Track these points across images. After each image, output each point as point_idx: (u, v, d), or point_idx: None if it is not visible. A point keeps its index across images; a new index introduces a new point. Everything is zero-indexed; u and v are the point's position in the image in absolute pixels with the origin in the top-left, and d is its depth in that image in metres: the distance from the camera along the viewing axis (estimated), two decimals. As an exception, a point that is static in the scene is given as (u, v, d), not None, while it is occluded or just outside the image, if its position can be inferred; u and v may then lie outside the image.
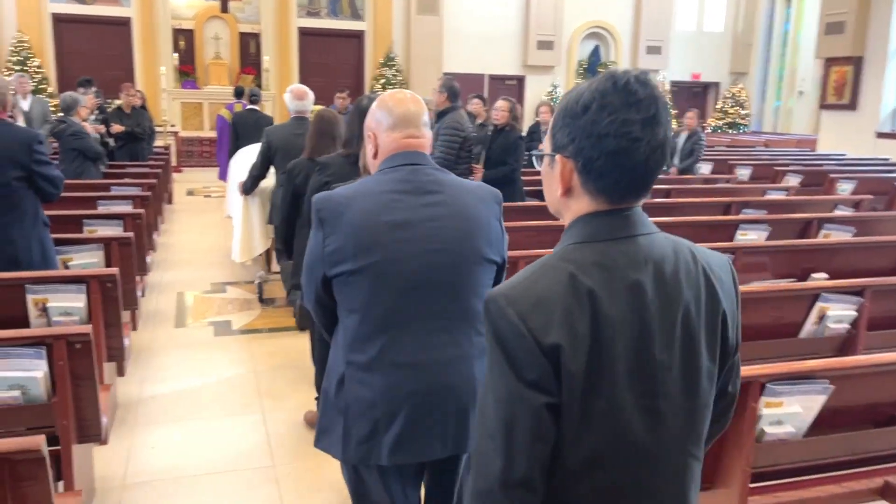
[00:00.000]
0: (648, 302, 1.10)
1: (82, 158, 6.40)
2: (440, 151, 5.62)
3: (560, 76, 19.24)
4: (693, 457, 1.18)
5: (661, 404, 1.11)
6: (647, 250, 1.13)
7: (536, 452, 1.06)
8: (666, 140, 1.12)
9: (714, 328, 1.17)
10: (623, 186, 1.12)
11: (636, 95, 1.09)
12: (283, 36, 17.12)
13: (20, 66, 15.21)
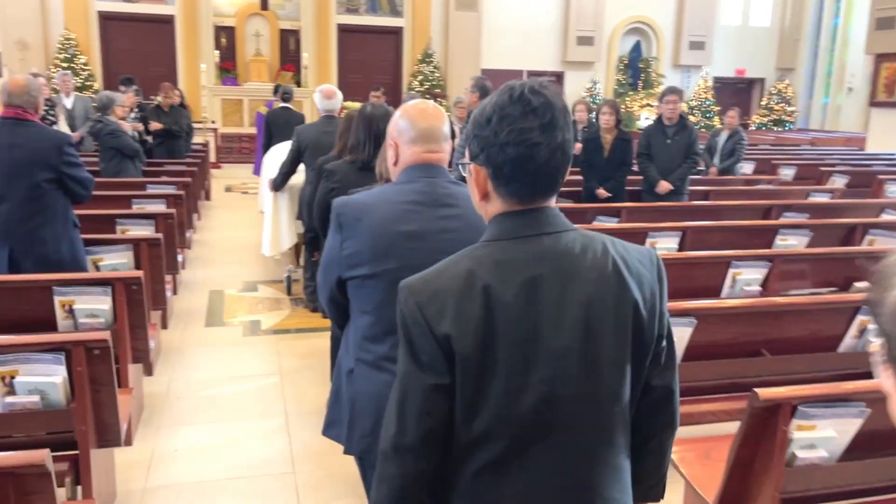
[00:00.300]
0: (544, 295, 1.20)
1: (120, 156, 6.49)
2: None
3: (600, 72, 18.98)
4: (603, 443, 1.26)
5: (558, 389, 1.20)
6: (550, 247, 1.23)
7: (423, 425, 1.20)
8: (565, 142, 1.22)
9: (623, 319, 1.24)
10: (529, 188, 1.23)
11: (531, 105, 1.20)
12: (322, 33, 17.21)
13: (67, 62, 15.56)
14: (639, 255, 1.31)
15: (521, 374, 1.19)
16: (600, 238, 1.29)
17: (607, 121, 6.15)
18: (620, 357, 1.25)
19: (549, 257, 1.22)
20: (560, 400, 1.21)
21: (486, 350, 1.19)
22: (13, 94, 3.40)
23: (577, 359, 1.21)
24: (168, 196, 5.55)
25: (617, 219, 5.54)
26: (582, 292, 1.22)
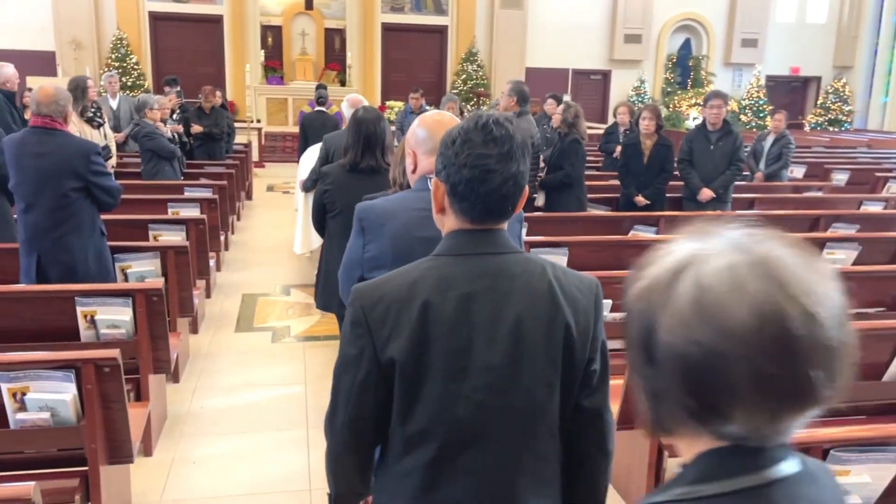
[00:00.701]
0: (479, 310, 1.30)
1: (157, 158, 6.57)
2: None
3: (648, 71, 18.61)
4: (528, 451, 1.35)
5: (488, 398, 1.30)
6: (491, 266, 1.33)
7: (350, 411, 1.35)
8: (518, 173, 1.33)
9: (554, 339, 1.33)
10: (480, 209, 1.33)
11: (492, 134, 1.31)
12: (367, 31, 17.25)
13: (119, 62, 15.92)
14: (577, 281, 1.40)
15: (454, 381, 1.30)
16: (541, 262, 1.39)
17: (647, 126, 5.97)
18: (549, 374, 1.34)
19: (487, 275, 1.33)
20: (490, 409, 1.31)
21: (419, 357, 1.30)
22: (41, 104, 3.43)
23: (508, 372, 1.31)
24: (202, 200, 5.58)
25: (654, 228, 5.36)
26: (515, 310, 1.32)
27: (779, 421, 0.76)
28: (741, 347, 0.71)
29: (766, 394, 0.73)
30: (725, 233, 0.81)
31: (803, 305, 0.72)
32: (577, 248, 4.42)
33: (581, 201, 5.81)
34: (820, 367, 0.72)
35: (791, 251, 0.77)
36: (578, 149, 5.74)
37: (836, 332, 0.73)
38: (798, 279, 0.74)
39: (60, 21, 15.61)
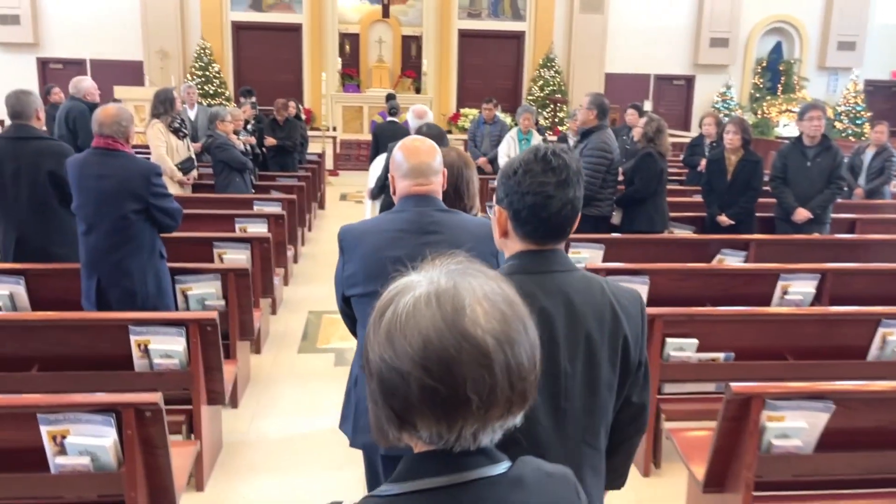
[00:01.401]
0: (556, 323, 1.43)
1: (228, 170, 6.56)
2: (585, 175, 5.16)
3: (735, 76, 17.82)
4: (588, 445, 1.51)
5: (563, 403, 1.44)
6: (560, 283, 1.46)
7: None
8: (575, 198, 1.47)
9: (616, 347, 1.49)
10: (542, 232, 1.47)
11: (551, 164, 1.44)
12: (444, 38, 17.14)
13: (202, 71, 16.33)
14: (628, 294, 1.57)
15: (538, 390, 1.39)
16: (598, 279, 1.54)
17: (731, 140, 5.52)
18: (612, 379, 1.51)
19: (559, 292, 1.46)
20: (564, 413, 1.46)
21: None
22: (103, 124, 3.37)
23: (581, 379, 1.47)
24: (270, 216, 5.50)
25: (744, 254, 4.96)
26: (586, 324, 1.46)
27: (456, 431, 0.85)
28: (412, 366, 0.83)
29: (434, 407, 0.84)
30: (437, 266, 0.92)
31: (470, 334, 0.83)
32: (659, 276, 4.09)
33: (652, 221, 5.39)
34: (478, 388, 0.83)
35: (483, 284, 0.88)
36: (651, 164, 5.34)
37: (502, 357, 0.84)
38: (473, 310, 0.85)
39: (149, 31, 16.12)
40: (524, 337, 0.89)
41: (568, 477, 1.04)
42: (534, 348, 0.91)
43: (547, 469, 1.00)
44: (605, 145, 5.24)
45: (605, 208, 5.35)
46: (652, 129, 5.43)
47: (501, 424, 0.90)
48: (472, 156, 8.84)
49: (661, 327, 3.24)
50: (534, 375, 0.90)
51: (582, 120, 5.44)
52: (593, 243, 4.88)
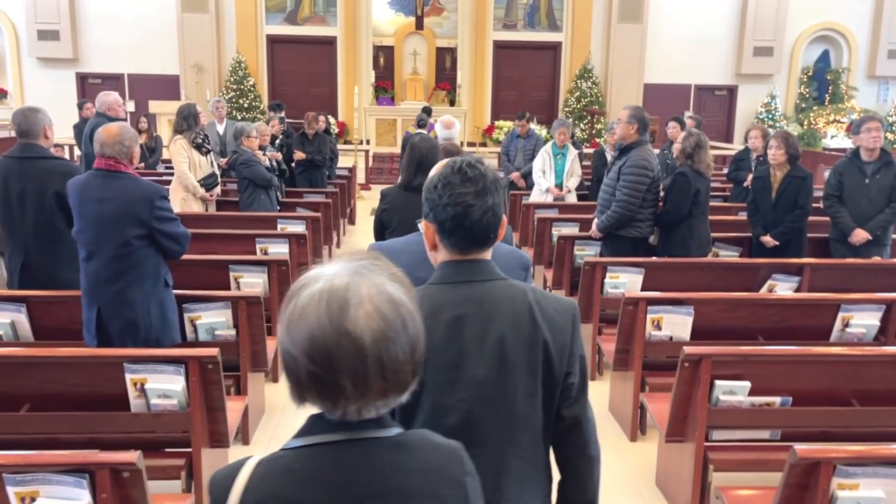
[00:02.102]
0: (468, 331, 1.49)
1: (253, 187, 6.37)
2: (624, 194, 4.84)
3: (780, 85, 17.25)
4: (513, 455, 1.52)
5: (476, 408, 1.49)
6: (477, 292, 1.52)
7: None
8: (494, 205, 1.53)
9: (535, 354, 1.51)
10: (466, 240, 1.53)
11: (467, 175, 1.52)
12: (479, 50, 16.92)
13: (237, 84, 16.35)
14: (556, 303, 1.56)
15: (446, 394, 1.47)
16: (522, 287, 1.55)
17: (775, 156, 5.12)
18: (530, 385, 1.50)
19: (474, 300, 1.49)
20: (478, 418, 1.48)
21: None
22: (105, 144, 3.16)
23: (493, 385, 1.48)
24: (292, 236, 5.27)
25: (797, 279, 4.57)
26: (499, 330, 1.48)
27: (340, 408, 1.03)
28: (300, 354, 1.00)
29: (317, 388, 1.01)
30: (345, 261, 1.07)
31: (349, 332, 0.98)
32: (705, 306, 3.74)
33: (686, 244, 4.98)
34: (353, 378, 1.00)
35: (375, 285, 1.03)
36: (684, 184, 4.94)
37: (376, 352, 1.00)
38: (355, 311, 0.99)
39: (185, 46, 16.20)
40: (401, 335, 1.02)
41: (456, 451, 1.14)
42: (412, 342, 1.04)
43: (436, 440, 1.14)
44: (646, 162, 4.90)
45: (645, 229, 5.00)
46: (690, 145, 5.05)
47: (385, 403, 1.04)
48: (505, 170, 8.56)
49: (708, 368, 2.91)
50: (410, 366, 1.04)
51: (621, 135, 5.11)
52: (631, 267, 4.55)
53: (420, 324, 1.08)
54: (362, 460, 1.04)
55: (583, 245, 5.36)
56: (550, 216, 6.33)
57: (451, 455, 1.13)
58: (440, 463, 1.10)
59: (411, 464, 1.06)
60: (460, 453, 1.15)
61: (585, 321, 4.77)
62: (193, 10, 16.10)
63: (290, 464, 1.05)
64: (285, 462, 1.05)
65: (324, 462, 1.04)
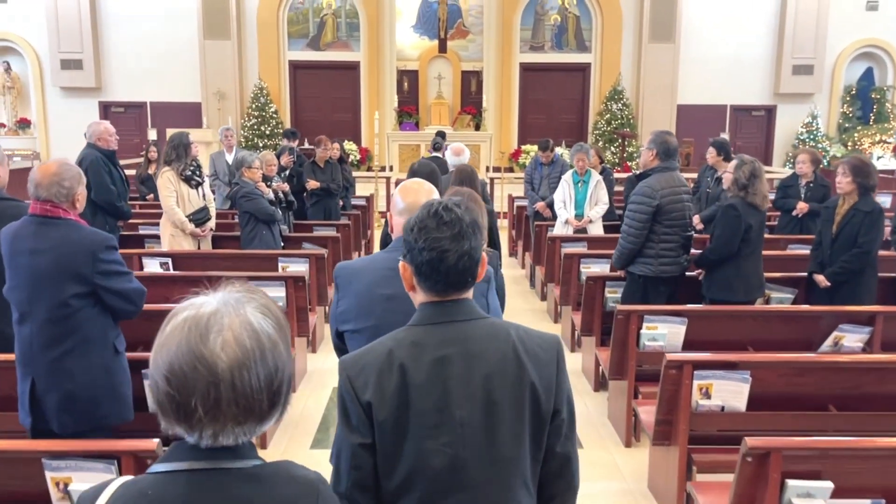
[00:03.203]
0: (451, 372, 1.48)
1: (255, 222, 5.88)
2: (625, 225, 4.35)
3: (821, 105, 16.45)
4: (500, 499, 1.50)
5: (460, 451, 1.46)
6: (460, 332, 1.52)
7: (354, 476, 1.50)
8: (471, 248, 1.52)
9: (521, 396, 1.50)
10: (442, 284, 1.52)
11: (443, 219, 1.52)
12: (505, 72, 16.45)
13: (259, 111, 16.07)
14: (539, 339, 1.58)
15: (430, 437, 1.46)
16: (505, 325, 1.58)
17: (841, 184, 4.44)
18: (517, 427, 1.50)
19: (458, 341, 1.51)
20: (464, 462, 1.47)
21: (399, 416, 1.46)
22: (40, 185, 2.66)
23: (479, 427, 1.48)
24: (289, 279, 4.74)
25: (868, 330, 3.90)
26: (484, 371, 1.49)
27: (196, 431, 1.06)
28: (160, 376, 1.05)
29: (172, 410, 1.06)
30: (223, 291, 1.13)
31: (206, 359, 1.03)
32: (763, 370, 3.10)
33: (731, 288, 4.34)
34: (204, 401, 1.03)
35: (242, 315, 1.08)
36: (732, 219, 4.30)
37: (229, 378, 1.04)
38: (214, 339, 1.05)
39: (207, 73, 15.99)
40: (258, 364, 1.07)
41: (312, 484, 1.16)
42: (270, 373, 1.09)
43: (294, 472, 1.16)
44: (648, 189, 4.32)
45: (657, 266, 4.36)
46: (745, 175, 4.39)
47: (243, 431, 1.09)
48: (530, 200, 7.98)
49: (778, 464, 2.28)
50: (266, 395, 1.08)
51: (643, 162, 4.53)
52: (672, 317, 3.93)
53: (286, 358, 1.13)
54: (211, 490, 1.07)
55: (615, 287, 4.75)
56: (578, 251, 5.73)
57: (305, 488, 1.15)
58: (292, 496, 1.12)
59: (261, 496, 1.09)
60: (316, 486, 1.16)
61: (618, 377, 4.14)
62: (215, 36, 15.89)
63: (145, 489, 1.08)
64: (140, 487, 1.08)
65: (175, 490, 1.07)
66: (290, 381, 1.13)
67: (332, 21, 16.62)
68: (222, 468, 1.07)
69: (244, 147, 15.62)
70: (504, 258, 9.59)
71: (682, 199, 4.37)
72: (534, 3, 16.44)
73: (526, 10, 16.47)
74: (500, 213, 12.70)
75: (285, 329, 1.13)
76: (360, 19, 16.45)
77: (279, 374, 1.10)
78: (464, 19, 16.73)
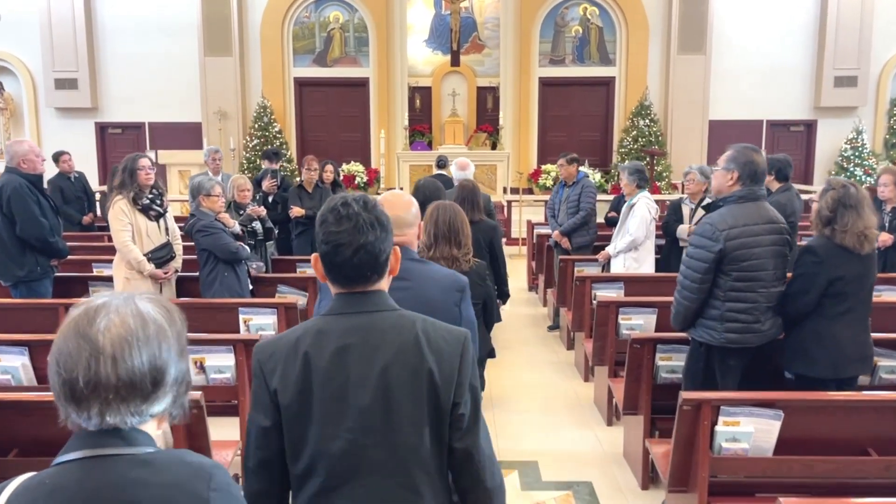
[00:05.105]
0: (350, 361, 1.56)
1: (215, 261, 4.82)
2: (680, 274, 3.21)
3: (866, 119, 15.21)
4: (401, 486, 1.56)
5: (360, 437, 1.54)
6: (365, 323, 1.60)
7: (258, 455, 1.61)
8: (368, 242, 1.59)
9: (418, 383, 1.56)
10: (342, 276, 1.62)
11: (340, 214, 1.61)
12: (523, 88, 15.42)
13: (262, 131, 15.14)
14: (446, 333, 1.64)
15: (332, 423, 1.55)
16: (412, 317, 1.64)
17: None
18: (415, 415, 1.56)
19: (360, 330, 1.59)
20: (363, 447, 1.55)
21: (301, 402, 1.56)
22: None
23: (378, 414, 1.55)
24: (238, 343, 3.63)
25: None
26: (383, 360, 1.56)
27: (85, 411, 1.13)
28: (52, 360, 1.13)
29: (61, 389, 1.13)
30: (119, 293, 1.22)
31: (90, 337, 1.12)
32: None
33: (812, 360, 3.22)
34: (86, 376, 1.11)
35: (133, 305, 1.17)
36: (809, 265, 3.21)
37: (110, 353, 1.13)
38: (100, 321, 1.13)
39: (208, 92, 15.14)
40: (142, 343, 1.13)
41: (205, 468, 1.19)
42: (153, 354, 1.15)
43: (188, 459, 1.20)
44: (709, 228, 3.18)
45: (723, 333, 3.20)
46: (828, 205, 3.22)
47: (128, 410, 1.14)
48: (551, 228, 6.86)
49: None
50: (149, 375, 1.14)
51: (716, 187, 3.37)
52: (756, 408, 2.76)
53: (174, 345, 1.19)
54: (104, 475, 1.12)
55: (670, 352, 3.59)
56: (615, 299, 4.56)
57: (198, 471, 1.17)
58: (184, 478, 1.15)
59: (152, 479, 1.13)
60: (210, 471, 1.18)
61: (682, 489, 2.97)
62: (216, 53, 15.03)
63: (43, 479, 1.13)
64: (41, 478, 1.14)
65: (70, 476, 1.12)
66: (182, 371, 1.19)
67: (339, 36, 15.72)
68: (115, 454, 1.13)
69: (246, 170, 14.68)
70: (522, 292, 8.51)
71: (760, 243, 3.18)
72: (553, 15, 15.42)
73: (545, 21, 15.46)
74: (519, 239, 11.59)
75: (178, 323, 1.21)
76: (368, 34, 15.54)
77: (164, 355, 1.15)
78: (479, 32, 15.74)
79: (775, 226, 3.25)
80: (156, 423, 1.19)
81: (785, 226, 3.24)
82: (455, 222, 3.37)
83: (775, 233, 3.23)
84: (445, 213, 3.40)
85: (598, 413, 4.74)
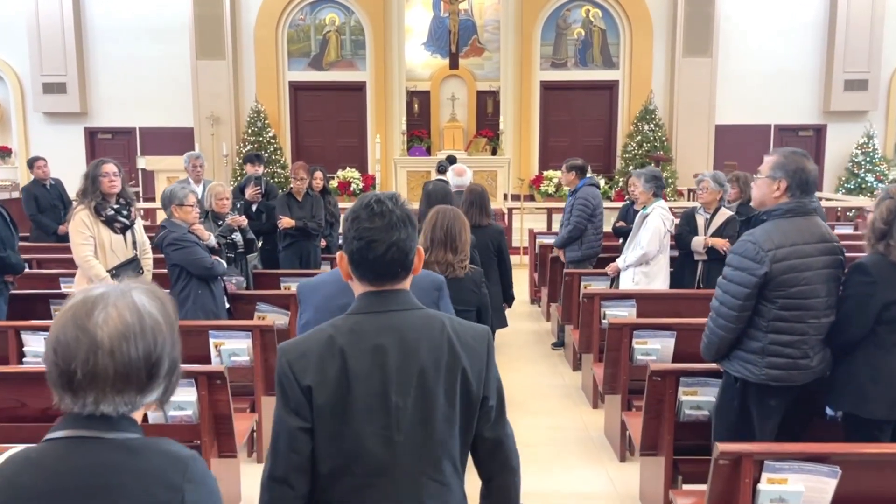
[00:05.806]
0: (388, 360, 1.56)
1: (187, 277, 4.37)
2: (715, 300, 2.74)
3: (878, 123, 14.79)
4: (430, 478, 1.59)
5: (395, 435, 1.56)
6: (396, 321, 1.60)
7: (292, 460, 1.56)
8: (399, 240, 1.59)
9: (453, 381, 1.59)
10: (372, 273, 1.61)
11: (374, 210, 1.61)
12: (524, 92, 15.00)
13: (255, 136, 14.73)
14: (472, 331, 1.67)
15: (369, 422, 1.55)
16: (440, 317, 1.66)
17: None
18: (449, 412, 1.59)
19: (395, 329, 1.59)
20: (399, 445, 1.56)
21: (338, 399, 1.54)
22: None
23: (415, 413, 1.57)
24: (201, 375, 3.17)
25: None
26: (420, 360, 1.58)
27: (80, 399, 1.16)
28: (49, 349, 1.17)
29: (58, 378, 1.17)
30: (122, 280, 1.26)
31: (88, 329, 1.15)
32: None
33: (864, 398, 2.74)
34: (84, 367, 1.14)
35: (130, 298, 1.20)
36: (860, 286, 2.75)
37: (108, 346, 1.15)
38: (98, 314, 1.17)
39: (200, 96, 14.72)
40: (138, 337, 1.17)
41: (182, 459, 1.21)
42: (149, 347, 1.19)
43: (167, 448, 1.22)
44: (752, 246, 2.71)
45: (763, 369, 2.73)
46: (882, 217, 2.77)
47: (123, 400, 1.18)
48: (557, 241, 6.44)
49: None
50: (145, 367, 1.18)
51: (759, 198, 2.90)
52: (807, 463, 2.30)
53: (168, 337, 1.23)
54: (84, 455, 1.16)
55: (695, 386, 3.14)
56: (627, 321, 4.11)
57: (174, 461, 1.20)
58: (160, 467, 1.18)
59: (129, 465, 1.16)
60: (187, 462, 1.21)
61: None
62: (209, 56, 14.61)
63: (30, 453, 1.18)
64: (27, 452, 1.18)
65: (53, 454, 1.17)
66: (174, 361, 1.23)
67: (335, 39, 15.30)
68: (98, 437, 1.17)
69: (237, 177, 14.24)
70: (525, 305, 8.08)
71: (812, 265, 2.69)
72: (555, 17, 15.01)
73: (547, 23, 15.04)
74: (520, 248, 11.14)
75: (172, 314, 1.25)
76: (365, 36, 15.13)
77: (159, 348, 1.20)
78: (479, 35, 15.32)
79: (829, 245, 2.75)
80: (144, 409, 1.23)
81: (839, 245, 2.76)
82: (454, 228, 3.39)
83: (829, 253, 2.74)
84: (445, 218, 3.43)
85: (609, 447, 4.27)
